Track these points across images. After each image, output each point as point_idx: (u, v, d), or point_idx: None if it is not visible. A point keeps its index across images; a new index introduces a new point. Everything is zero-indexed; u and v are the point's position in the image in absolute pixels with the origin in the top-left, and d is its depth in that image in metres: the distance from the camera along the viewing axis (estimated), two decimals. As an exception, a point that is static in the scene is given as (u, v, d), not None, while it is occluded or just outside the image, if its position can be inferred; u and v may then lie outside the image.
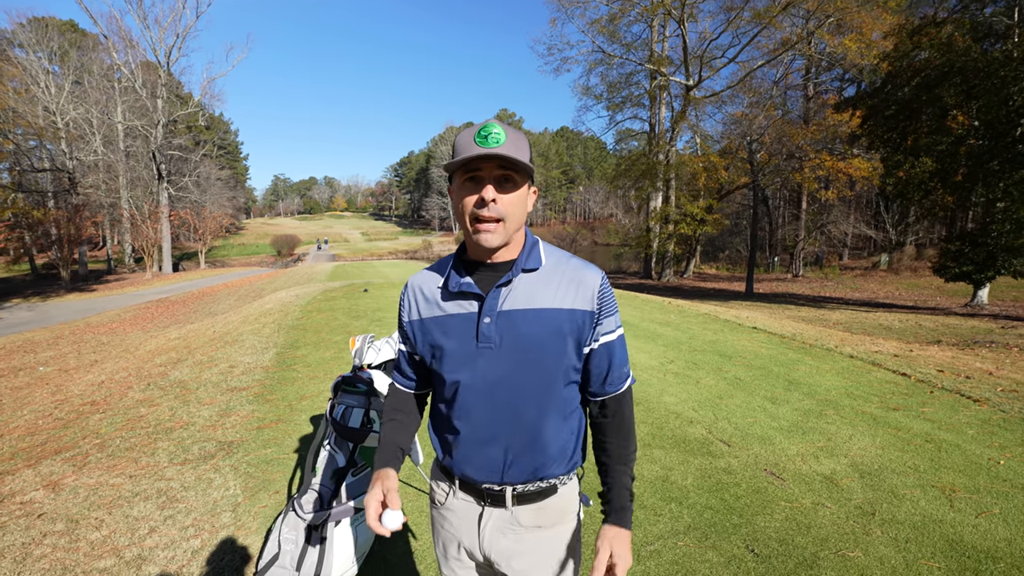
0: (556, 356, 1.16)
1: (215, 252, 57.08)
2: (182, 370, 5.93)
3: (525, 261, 1.18)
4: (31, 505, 3.08)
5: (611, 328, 1.22)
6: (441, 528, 1.35)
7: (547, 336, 1.15)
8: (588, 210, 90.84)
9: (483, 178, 1.10)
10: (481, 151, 1.06)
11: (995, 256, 14.17)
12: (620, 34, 29.60)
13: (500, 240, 1.13)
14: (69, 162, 32.55)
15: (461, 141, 1.11)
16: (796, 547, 2.62)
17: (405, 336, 1.32)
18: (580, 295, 1.17)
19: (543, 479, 1.22)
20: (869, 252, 37.23)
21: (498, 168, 1.10)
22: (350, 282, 14.27)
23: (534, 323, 1.15)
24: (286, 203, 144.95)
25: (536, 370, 1.16)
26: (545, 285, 1.17)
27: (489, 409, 1.18)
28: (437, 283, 1.25)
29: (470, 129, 1.12)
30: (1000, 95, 13.13)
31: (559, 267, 1.20)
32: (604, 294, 1.19)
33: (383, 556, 2.60)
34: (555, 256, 1.24)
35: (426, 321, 1.24)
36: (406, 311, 1.30)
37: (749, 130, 25.36)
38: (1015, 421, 4.26)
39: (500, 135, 1.08)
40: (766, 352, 6.55)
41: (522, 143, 1.11)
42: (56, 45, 36.78)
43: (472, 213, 1.11)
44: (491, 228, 1.11)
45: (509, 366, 1.16)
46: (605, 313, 1.20)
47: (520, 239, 1.22)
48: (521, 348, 1.15)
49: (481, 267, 1.21)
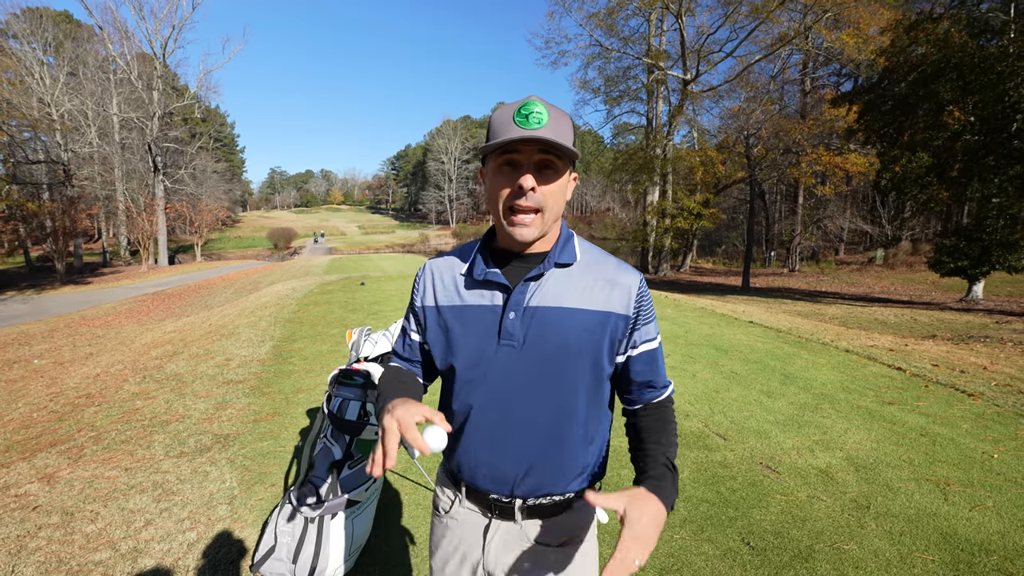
0: (584, 361, 1.07)
1: (211, 245, 56.82)
2: (178, 363, 5.92)
3: (559, 255, 1.09)
4: (26, 498, 3.07)
5: (651, 335, 1.13)
6: (442, 539, 1.23)
7: (576, 339, 1.06)
8: (585, 204, 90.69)
9: (521, 163, 1.00)
10: (521, 133, 0.96)
11: (990, 251, 14.21)
12: (618, 28, 29.47)
13: (536, 233, 1.04)
14: (64, 154, 32.34)
15: (499, 120, 1.01)
16: (791, 540, 2.63)
17: (417, 321, 1.21)
18: (616, 298, 1.08)
19: (558, 493, 1.12)
20: (865, 247, 37.32)
21: (539, 152, 0.99)
22: (347, 275, 14.25)
23: (563, 323, 1.05)
24: (282, 196, 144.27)
25: (560, 375, 1.06)
26: (579, 283, 1.08)
27: (505, 414, 1.08)
28: (460, 269, 1.15)
29: (508, 106, 1.01)
30: (996, 91, 13.14)
31: (595, 265, 1.11)
32: (642, 298, 1.10)
33: (380, 548, 2.60)
34: (591, 253, 1.14)
35: (443, 308, 1.14)
36: (420, 294, 1.19)
37: (746, 125, 25.36)
38: (1009, 415, 4.28)
39: (543, 114, 0.97)
40: (762, 346, 6.57)
41: (565, 124, 1.01)
42: (51, 36, 36.47)
43: (508, 203, 1.02)
44: (527, 220, 1.02)
45: (531, 368, 1.06)
46: (643, 319, 1.11)
47: (556, 231, 1.12)
48: (547, 349, 1.05)
49: (511, 257, 1.11)
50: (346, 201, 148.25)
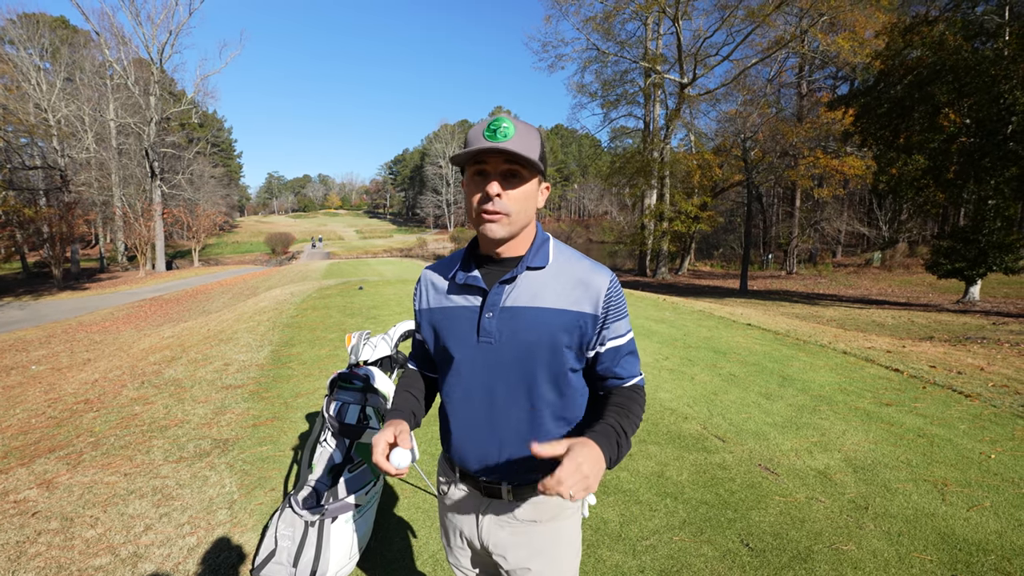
0: (553, 356, 1.16)
1: (209, 250, 56.76)
2: (176, 368, 5.91)
3: (531, 259, 1.18)
4: (25, 504, 3.06)
5: (620, 332, 1.20)
6: (444, 517, 1.39)
7: (546, 336, 1.15)
8: (583, 208, 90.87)
9: (489, 172, 1.10)
10: (487, 145, 1.06)
11: (986, 253, 14.26)
12: (615, 32, 29.66)
13: (505, 232, 1.13)
14: (61, 160, 32.26)
15: (471, 134, 1.12)
16: (790, 541, 2.64)
17: (418, 324, 1.35)
18: (585, 297, 1.16)
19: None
20: (862, 249, 37.44)
21: (504, 163, 1.09)
22: (345, 280, 14.24)
23: (534, 322, 1.15)
24: (280, 201, 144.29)
25: (534, 369, 1.16)
26: (550, 284, 1.17)
27: (486, 403, 1.19)
28: (447, 274, 1.27)
29: (482, 122, 1.12)
30: (991, 93, 13.21)
31: (567, 267, 1.20)
32: (611, 298, 1.17)
33: (380, 552, 2.60)
34: (565, 255, 1.22)
35: (434, 310, 1.27)
36: (418, 300, 1.33)
37: (743, 128, 25.47)
38: (1006, 416, 4.30)
39: (509, 129, 1.07)
40: (760, 348, 6.58)
41: (531, 138, 1.11)
42: (47, 42, 36.38)
43: (478, 208, 1.12)
44: (495, 219, 1.11)
45: (507, 362, 1.16)
46: (613, 317, 1.18)
47: (529, 235, 1.21)
48: (519, 346, 1.15)
49: (489, 262, 1.22)
50: (344, 206, 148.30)
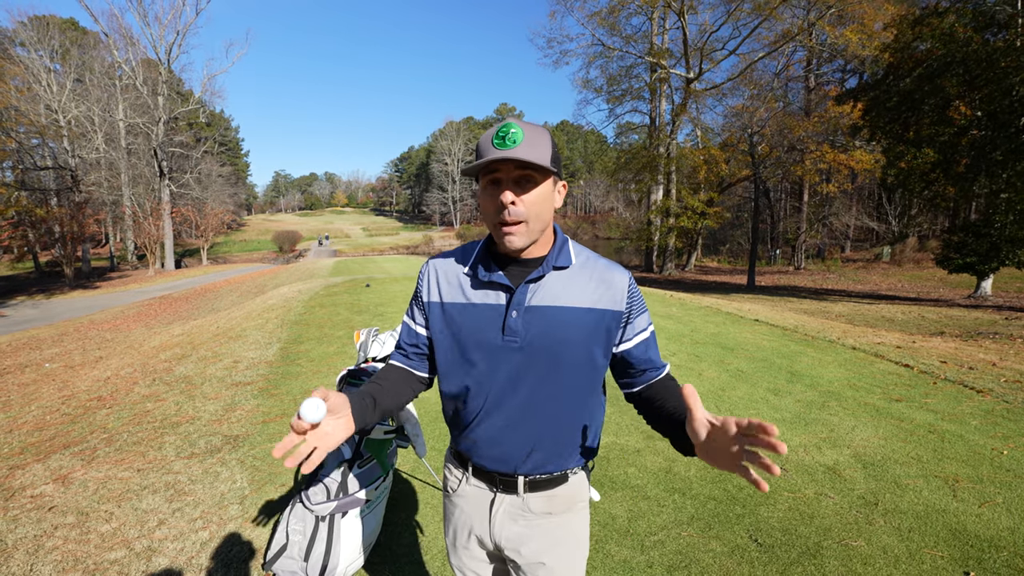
0: (582, 354, 1.17)
1: (217, 249, 57.13)
2: (187, 365, 5.96)
3: (556, 258, 1.18)
4: (42, 499, 3.11)
5: (643, 326, 1.24)
6: (452, 515, 1.36)
7: (574, 334, 1.16)
8: (589, 204, 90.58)
9: (502, 180, 1.09)
10: (497, 154, 1.05)
11: (999, 247, 14.11)
12: (620, 27, 29.43)
13: (524, 242, 1.12)
14: (71, 160, 32.60)
15: (482, 143, 1.11)
16: (799, 537, 2.64)
17: (424, 315, 1.29)
18: (609, 295, 1.18)
19: (558, 470, 1.24)
20: (871, 244, 37.09)
21: (516, 169, 1.08)
22: (352, 277, 14.30)
23: (562, 320, 1.15)
24: (287, 199, 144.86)
25: (560, 367, 1.17)
26: (575, 283, 1.18)
27: (511, 403, 1.18)
28: (462, 269, 1.24)
29: (490, 130, 1.11)
30: (1002, 85, 13.02)
31: (588, 266, 1.21)
32: (633, 294, 1.21)
33: (389, 546, 2.62)
34: (584, 255, 1.24)
35: (447, 306, 1.23)
36: (425, 291, 1.28)
37: (750, 123, 25.26)
38: (1018, 411, 4.27)
39: (517, 135, 1.06)
40: (768, 344, 6.56)
41: (541, 141, 1.09)
42: (57, 43, 36.74)
43: (495, 219, 1.11)
44: (514, 231, 1.11)
45: (533, 361, 1.16)
46: (635, 312, 1.22)
47: (549, 236, 1.21)
48: (547, 344, 1.15)
49: (510, 261, 1.20)
50: (350, 204, 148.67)
